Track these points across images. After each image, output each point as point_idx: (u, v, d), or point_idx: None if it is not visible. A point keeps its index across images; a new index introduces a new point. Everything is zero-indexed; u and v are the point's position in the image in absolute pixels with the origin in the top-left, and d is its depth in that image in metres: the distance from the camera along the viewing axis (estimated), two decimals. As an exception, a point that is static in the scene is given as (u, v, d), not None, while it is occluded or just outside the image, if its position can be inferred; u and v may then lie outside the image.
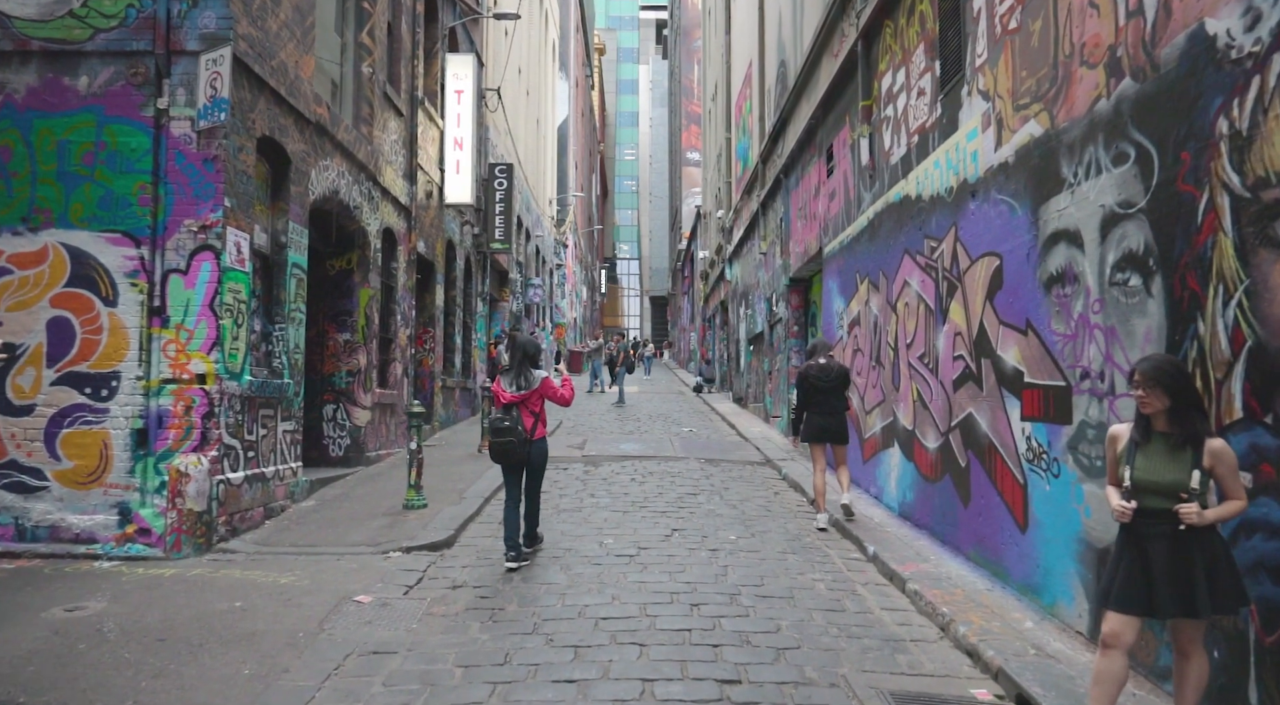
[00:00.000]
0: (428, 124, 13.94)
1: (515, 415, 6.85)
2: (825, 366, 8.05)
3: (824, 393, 7.99)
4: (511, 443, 6.73)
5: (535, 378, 6.92)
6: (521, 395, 6.90)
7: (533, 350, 7.08)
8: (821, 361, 8.09)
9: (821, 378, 8.00)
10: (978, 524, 6.28)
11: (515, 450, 6.73)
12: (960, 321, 6.66)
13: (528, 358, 7.04)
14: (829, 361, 8.12)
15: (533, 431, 6.87)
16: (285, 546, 7.05)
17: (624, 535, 7.55)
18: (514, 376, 7.01)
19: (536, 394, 6.94)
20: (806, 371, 8.09)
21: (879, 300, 8.98)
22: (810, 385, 8.02)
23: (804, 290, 14.44)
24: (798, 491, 9.89)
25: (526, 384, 6.91)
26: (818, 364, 8.08)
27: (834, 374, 8.02)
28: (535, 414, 6.95)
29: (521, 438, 6.76)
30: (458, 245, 16.30)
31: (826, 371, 8.02)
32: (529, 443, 6.82)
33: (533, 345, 7.12)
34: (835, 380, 8.01)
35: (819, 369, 8.04)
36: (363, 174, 10.66)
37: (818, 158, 12.10)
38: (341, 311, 10.76)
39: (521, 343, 7.19)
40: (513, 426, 6.76)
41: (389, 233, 12.00)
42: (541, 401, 7.04)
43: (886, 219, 8.65)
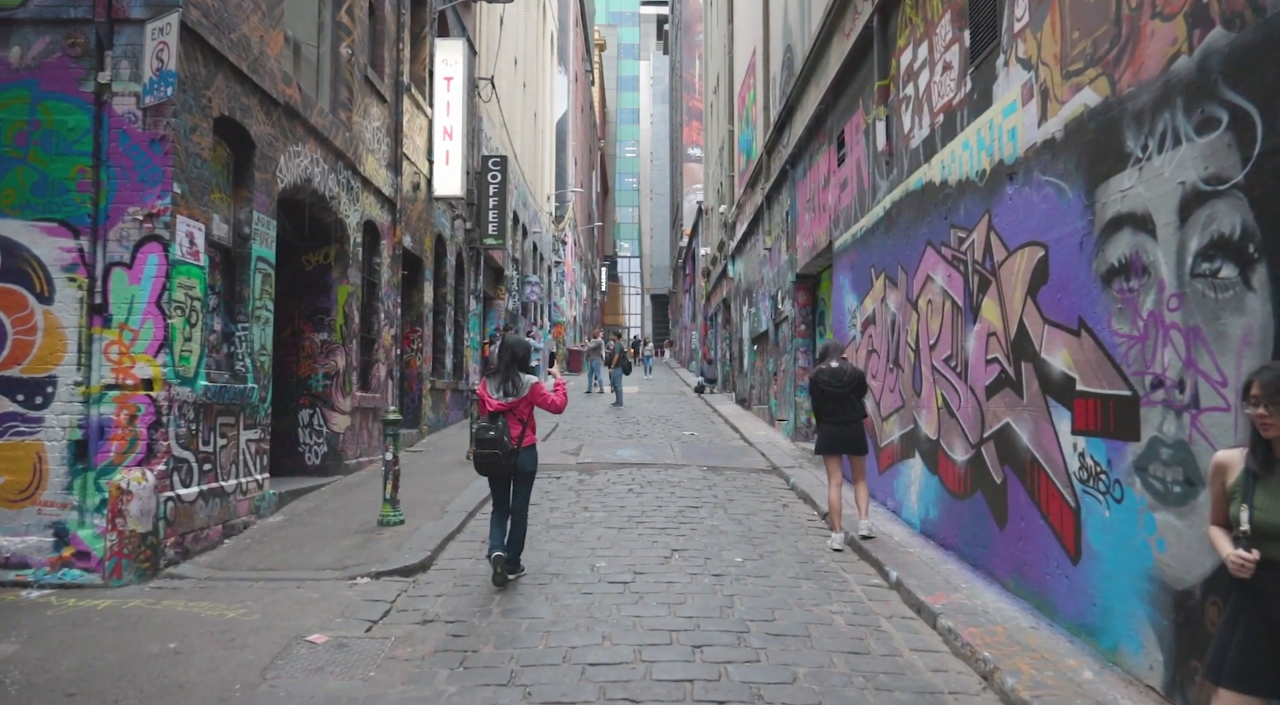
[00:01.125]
0: (414, 112, 13.22)
1: (502, 424, 6.19)
2: (837, 371, 7.33)
3: (836, 400, 7.27)
4: (496, 455, 6.11)
5: (524, 383, 6.25)
6: (509, 403, 6.23)
7: (522, 352, 6.40)
8: (833, 365, 7.38)
9: (833, 383, 7.28)
10: (1017, 549, 5.56)
11: (500, 463, 6.13)
12: (995, 320, 5.94)
13: (516, 360, 6.35)
14: (841, 365, 7.40)
15: (520, 440, 6.24)
16: (242, 571, 6.34)
17: (618, 557, 6.83)
18: (501, 381, 6.33)
19: (525, 401, 6.28)
20: (816, 377, 7.37)
21: (897, 297, 8.26)
22: (821, 392, 7.31)
23: (811, 287, 13.71)
24: (808, 504, 9.17)
25: (515, 390, 6.25)
26: (829, 368, 7.36)
27: (846, 379, 7.30)
28: (524, 421, 6.29)
29: (508, 449, 6.13)
30: (448, 240, 15.59)
31: (838, 376, 7.31)
32: (516, 453, 6.20)
33: (522, 346, 6.43)
34: (848, 385, 7.29)
35: (830, 374, 7.33)
36: (340, 162, 9.94)
37: (827, 146, 11.38)
38: (318, 310, 10.04)
39: (510, 344, 6.49)
40: (498, 437, 6.12)
41: (371, 226, 11.28)
42: (530, 408, 6.36)
43: (906, 208, 7.93)
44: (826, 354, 7.52)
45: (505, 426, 6.21)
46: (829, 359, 7.44)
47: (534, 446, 6.43)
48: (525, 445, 6.33)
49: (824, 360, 7.48)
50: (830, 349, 7.56)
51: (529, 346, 6.64)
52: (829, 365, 7.38)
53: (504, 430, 6.17)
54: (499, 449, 6.12)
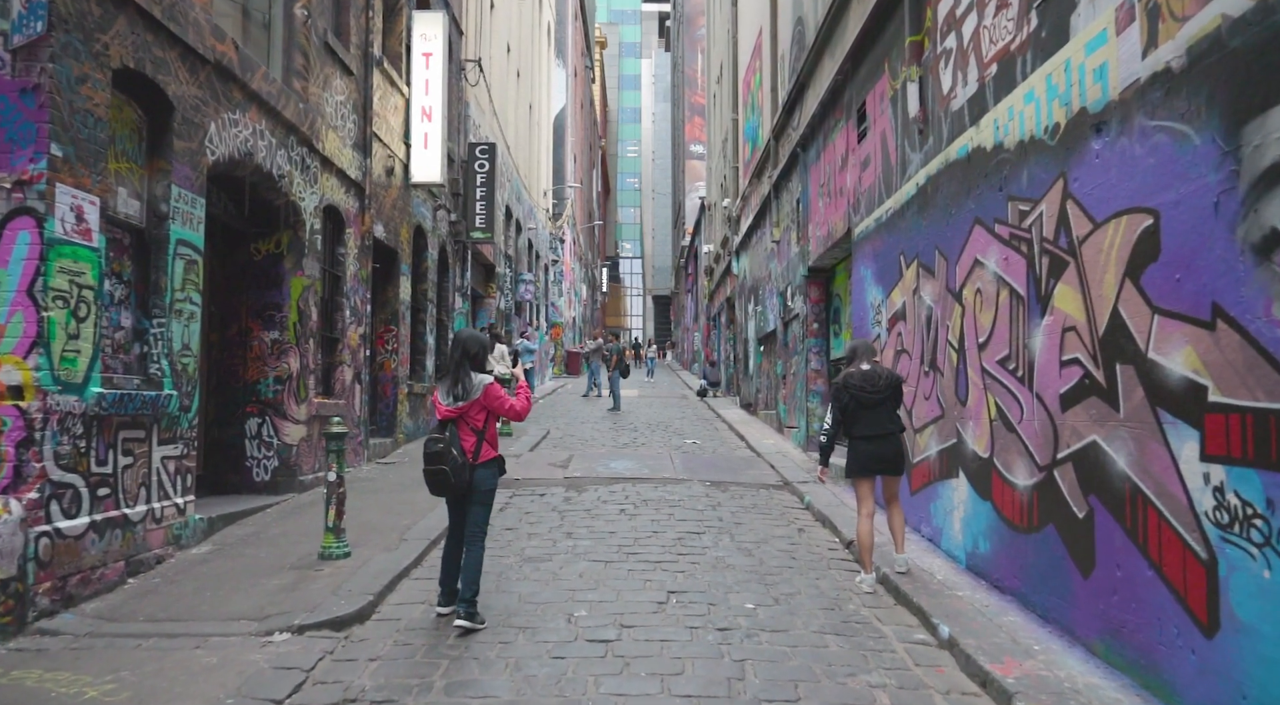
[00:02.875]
0: (388, 90, 12.01)
1: (451, 434, 5.24)
2: (870, 374, 6.11)
3: (870, 408, 6.05)
4: (444, 472, 5.17)
5: (476, 384, 5.23)
6: (459, 408, 5.24)
7: (474, 348, 5.35)
8: (865, 367, 6.16)
9: (867, 389, 6.06)
10: (1110, 606, 4.32)
11: (449, 480, 5.17)
12: (1073, 311, 4.71)
13: (468, 358, 5.31)
14: (874, 367, 6.17)
15: (475, 454, 5.25)
16: (136, 622, 5.12)
17: (603, 603, 5.60)
18: (450, 383, 5.29)
19: (478, 405, 5.26)
20: (847, 381, 6.15)
21: (934, 287, 7.03)
22: (852, 399, 6.09)
23: (825, 282, 12.48)
24: (827, 528, 7.94)
25: (464, 393, 5.24)
26: (860, 371, 6.14)
27: (883, 383, 6.08)
28: (478, 431, 5.28)
29: (457, 464, 5.17)
30: (429, 232, 14.37)
31: (872, 380, 6.09)
32: (469, 468, 5.22)
33: (475, 342, 5.39)
34: (885, 391, 6.07)
35: (862, 378, 6.10)
36: (293, 137, 8.73)
37: (844, 122, 10.15)
38: (268, 305, 8.83)
39: (462, 339, 5.41)
40: (446, 450, 5.18)
41: (333, 211, 10.07)
42: (486, 415, 5.32)
43: (946, 182, 6.70)
44: (856, 355, 6.30)
45: (456, 437, 5.24)
46: (859, 361, 6.22)
47: (494, 462, 5.34)
48: (482, 460, 5.27)
49: (853, 362, 6.26)
50: (860, 349, 6.33)
51: (484, 342, 5.47)
52: (860, 368, 6.16)
53: (453, 440, 5.21)
54: (447, 464, 5.16)
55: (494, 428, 5.37)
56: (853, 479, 6.22)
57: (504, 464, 5.46)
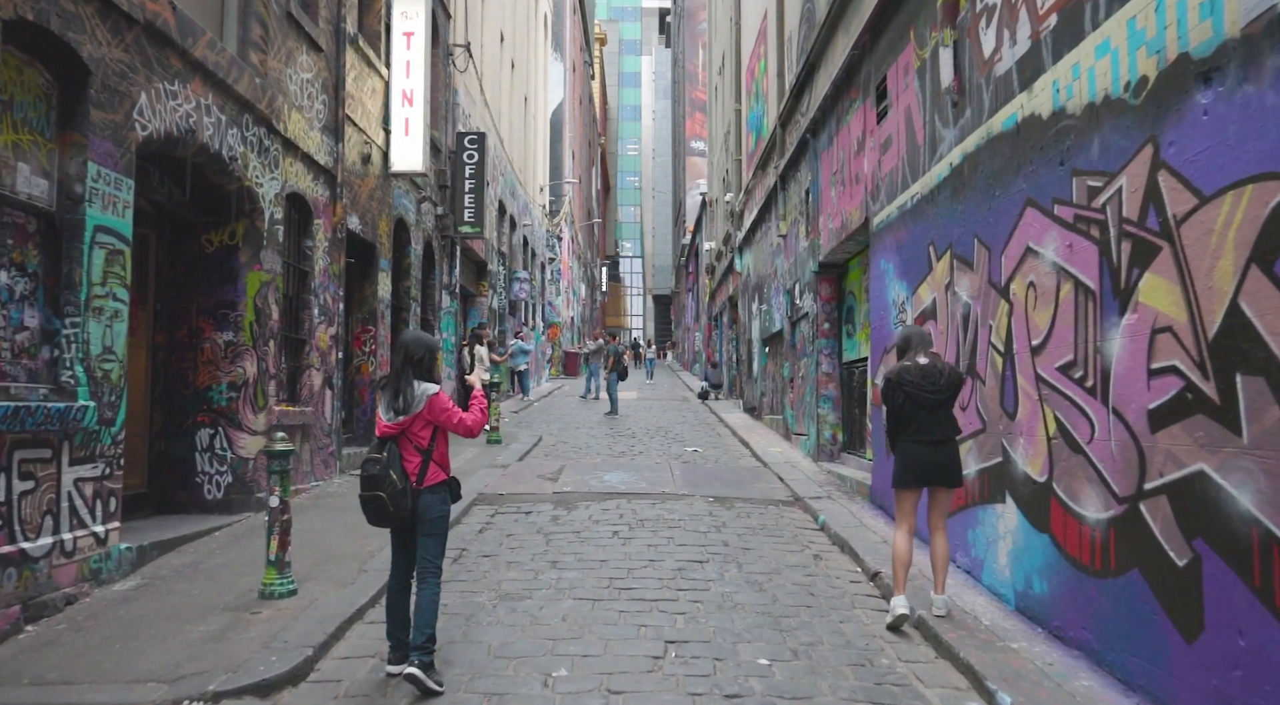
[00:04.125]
0: (364, 70, 11.09)
1: (391, 453, 4.37)
2: (929, 369, 5.17)
3: (928, 410, 5.13)
4: (380, 499, 4.32)
5: (419, 395, 4.37)
6: (399, 423, 4.37)
7: (419, 353, 4.47)
8: (921, 361, 5.22)
9: (926, 386, 5.13)
10: (1230, 683, 3.40)
11: (387, 509, 4.32)
12: (1169, 308, 3.79)
13: (411, 364, 4.43)
14: (933, 361, 5.24)
15: (420, 476, 4.39)
16: (20, 685, 4.20)
17: (588, 658, 4.68)
18: (390, 394, 4.41)
19: (422, 420, 4.40)
20: (900, 377, 5.22)
21: (973, 281, 6.11)
22: (907, 398, 5.16)
23: (837, 278, 11.56)
24: (846, 554, 7.03)
25: (406, 405, 4.36)
26: (917, 365, 5.20)
27: (944, 381, 5.16)
28: (423, 450, 4.42)
29: (397, 489, 4.31)
30: (413, 226, 13.45)
31: (932, 377, 5.15)
32: (413, 494, 4.36)
33: (420, 345, 4.50)
34: (946, 390, 5.16)
35: (920, 374, 5.17)
36: (248, 115, 7.82)
37: (860, 102, 9.23)
38: (222, 303, 7.92)
39: (404, 342, 4.53)
40: (383, 473, 4.31)
41: (298, 200, 9.15)
42: (433, 431, 4.45)
43: (988, 159, 5.79)
44: (910, 346, 5.33)
45: (397, 456, 4.36)
46: (914, 352, 5.27)
47: (443, 486, 4.46)
48: (429, 483, 4.40)
49: (906, 353, 5.32)
50: (915, 339, 5.36)
51: (432, 344, 4.57)
52: (916, 361, 5.21)
53: (393, 462, 4.34)
54: (385, 489, 4.29)
55: (444, 445, 4.49)
56: (896, 490, 5.29)
57: (458, 487, 4.57)
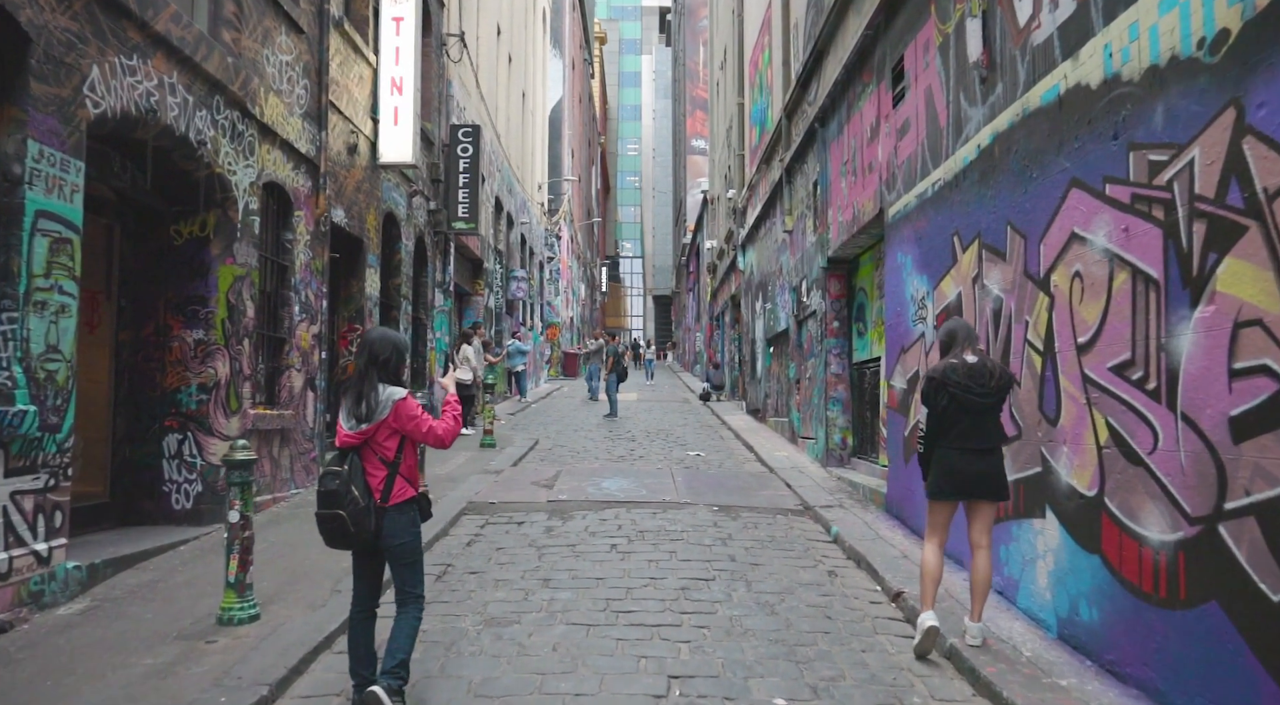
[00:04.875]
0: (350, 56, 10.56)
1: (352, 467, 3.83)
2: (978, 369, 4.63)
3: (975, 413, 4.59)
4: (339, 519, 3.76)
5: (383, 400, 3.84)
6: (362, 432, 3.85)
7: (385, 353, 3.94)
8: (969, 359, 4.67)
9: (973, 387, 4.59)
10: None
11: (346, 529, 3.77)
12: (1258, 297, 3.25)
13: (376, 366, 3.91)
14: (982, 360, 4.69)
15: (385, 493, 3.85)
16: (-70, 732, 3.68)
17: (581, 696, 4.13)
18: (353, 399, 3.88)
19: (387, 428, 3.87)
20: (944, 376, 4.66)
21: (1006, 273, 5.56)
22: (951, 400, 4.61)
23: (847, 274, 11.02)
24: (863, 570, 6.49)
25: (369, 412, 3.83)
26: (964, 363, 4.65)
27: (994, 382, 4.62)
28: (390, 462, 3.88)
29: (359, 507, 3.75)
30: (403, 221, 12.91)
31: (980, 378, 4.60)
32: (376, 512, 3.82)
33: (386, 344, 3.97)
34: (995, 392, 4.62)
35: (967, 373, 4.62)
36: (220, 97, 7.28)
37: (874, 86, 8.70)
38: (191, 299, 7.38)
39: (369, 341, 4.00)
40: (342, 490, 3.76)
41: (277, 190, 8.61)
42: (400, 441, 3.92)
43: (1024, 138, 5.25)
44: (955, 341, 4.77)
45: (359, 470, 3.82)
46: (959, 348, 4.72)
47: (411, 504, 3.93)
48: (395, 501, 3.87)
49: (951, 349, 4.77)
50: (961, 334, 4.79)
51: (400, 344, 4.03)
52: (963, 358, 4.66)
53: (354, 476, 3.80)
54: (344, 507, 3.74)
55: (412, 458, 3.96)
56: (931, 500, 4.74)
57: (428, 505, 4.05)
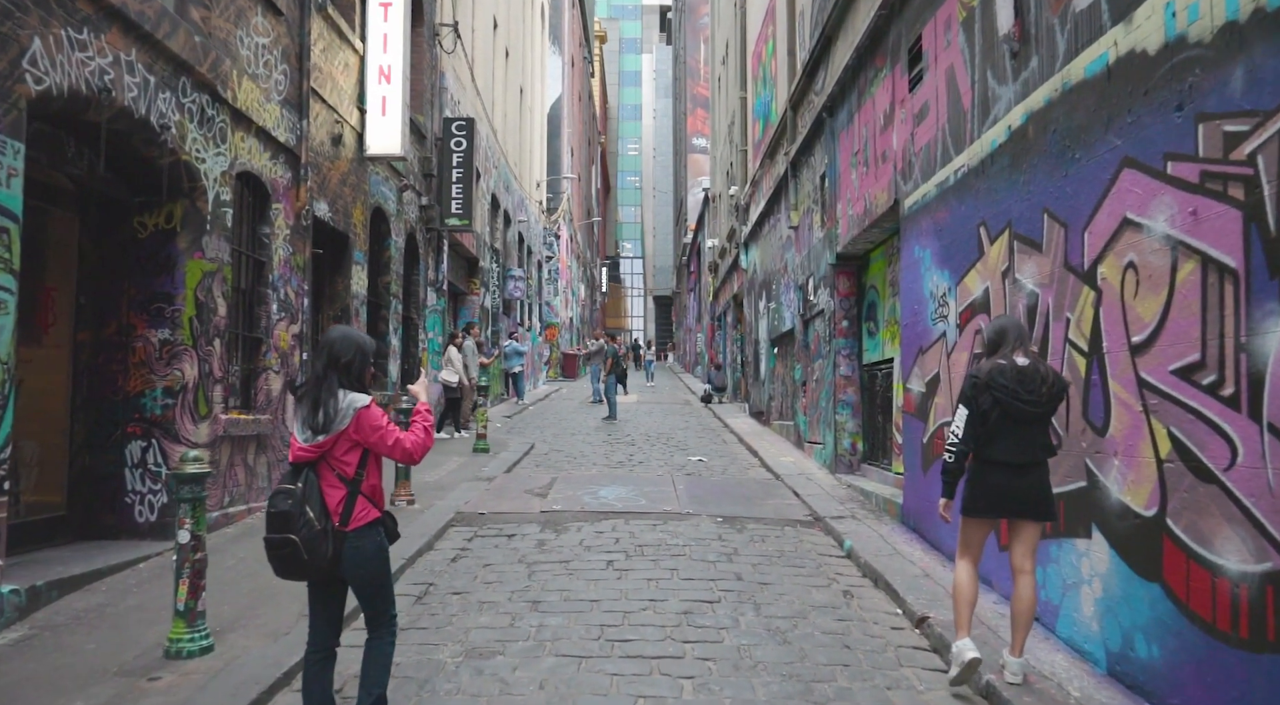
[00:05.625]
0: (335, 41, 10.04)
1: (308, 485, 3.30)
2: (1028, 373, 4.09)
3: (1022, 423, 4.07)
4: (290, 545, 3.23)
5: (344, 409, 3.32)
6: (318, 445, 3.32)
7: (347, 355, 3.42)
8: (1020, 362, 4.13)
9: (1022, 394, 4.05)
10: None
11: (299, 557, 3.24)
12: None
13: (337, 369, 3.39)
14: (1034, 363, 4.15)
15: (344, 515, 3.32)
16: None
17: (569, 749, 3.62)
18: (309, 407, 3.35)
19: (347, 441, 3.35)
20: (990, 380, 4.12)
21: (1042, 265, 5.04)
22: (995, 405, 4.08)
23: (856, 271, 10.50)
24: (880, 589, 5.97)
25: (326, 422, 3.30)
26: (1013, 366, 4.11)
27: (1046, 389, 4.07)
28: (350, 480, 3.35)
29: (314, 531, 3.23)
30: (393, 216, 12.39)
31: (1030, 383, 4.06)
32: (334, 537, 3.29)
33: (348, 345, 3.46)
34: (1048, 400, 4.08)
35: (1017, 377, 4.08)
36: (185, 78, 6.76)
37: (888, 70, 8.18)
38: (157, 296, 6.86)
39: (329, 342, 3.48)
40: (294, 511, 3.24)
41: (253, 181, 8.09)
42: (362, 456, 3.40)
43: (1064, 115, 4.72)
44: (1004, 340, 4.22)
45: (315, 489, 3.29)
46: (1008, 349, 4.18)
47: (375, 527, 3.40)
48: (356, 524, 3.33)
49: (999, 350, 4.22)
50: (1011, 333, 4.24)
51: (364, 345, 3.51)
52: (1013, 360, 4.13)
53: (309, 495, 3.27)
54: (297, 531, 3.21)
55: (375, 474, 3.46)
56: (965, 517, 4.22)
57: (394, 526, 3.52)
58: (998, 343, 4.24)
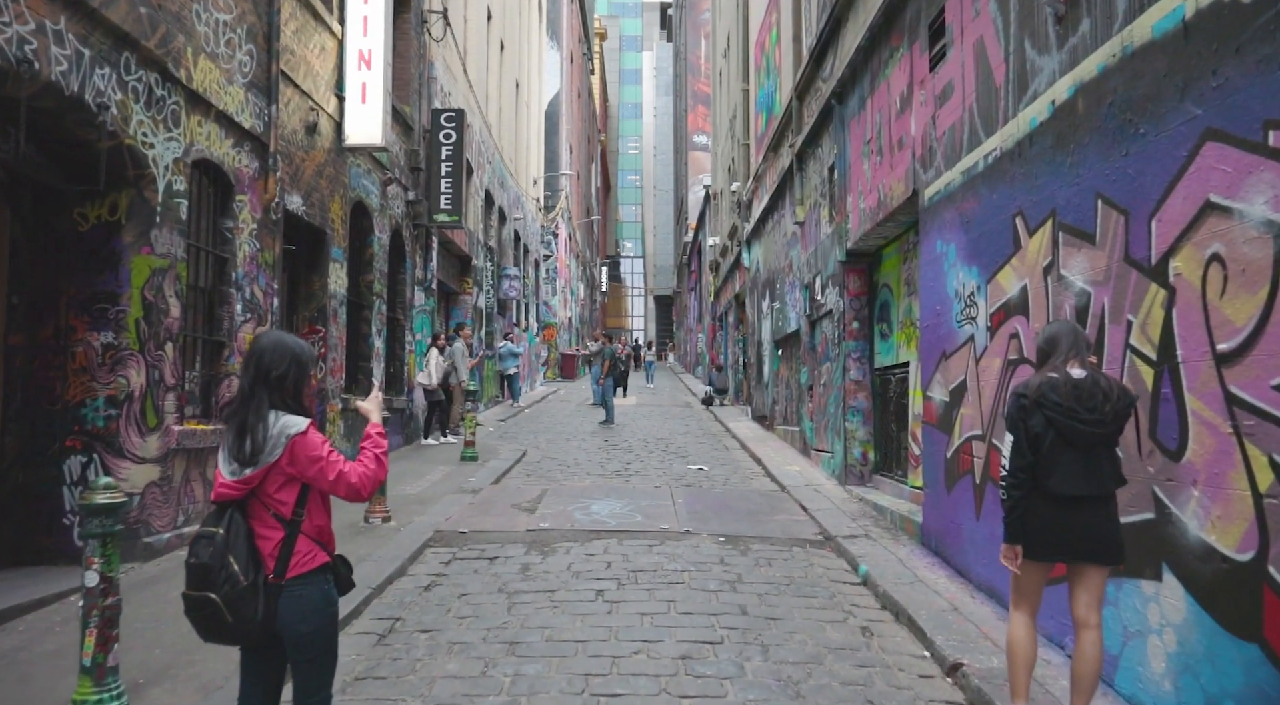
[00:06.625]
0: (309, 23, 9.37)
1: (233, 530, 2.61)
2: (1086, 387, 3.42)
3: (1083, 447, 3.40)
4: (210, 604, 2.57)
5: (275, 436, 2.66)
6: (245, 480, 2.65)
7: (280, 367, 2.77)
8: (1075, 374, 3.47)
9: (1080, 413, 3.38)
10: None
11: (221, 618, 2.57)
12: None
13: (266, 386, 2.74)
14: (1093, 375, 3.48)
15: (282, 563, 2.65)
16: None
17: None
18: (234, 433, 2.67)
19: (280, 473, 2.68)
20: (1041, 397, 3.45)
21: (1095, 259, 4.36)
22: (1049, 425, 3.42)
23: (868, 268, 9.82)
24: (903, 625, 5.30)
25: (253, 451, 2.64)
26: (1067, 380, 3.45)
27: (1110, 407, 3.40)
28: (288, 521, 2.67)
29: (238, 587, 2.56)
30: (376, 211, 11.72)
31: (1090, 398, 3.40)
32: (267, 592, 2.62)
33: (281, 355, 2.80)
34: (1113, 418, 3.41)
35: (1073, 392, 3.41)
36: (129, 53, 6.09)
37: (905, 49, 7.51)
38: (99, 295, 6.20)
39: (257, 350, 2.82)
40: (214, 563, 2.55)
41: (213, 170, 7.43)
42: (301, 491, 2.71)
43: (1124, 84, 4.05)
44: (1057, 349, 3.54)
45: (240, 534, 2.60)
46: (1061, 359, 3.51)
47: (319, 575, 2.71)
48: (295, 572, 2.66)
49: (1050, 361, 3.55)
50: (1064, 341, 3.55)
51: (301, 355, 2.85)
52: (1066, 373, 3.46)
53: (235, 542, 2.58)
54: (217, 588, 2.54)
55: (321, 513, 2.78)
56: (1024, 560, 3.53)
57: (348, 573, 2.85)
58: (1048, 352, 3.56)
